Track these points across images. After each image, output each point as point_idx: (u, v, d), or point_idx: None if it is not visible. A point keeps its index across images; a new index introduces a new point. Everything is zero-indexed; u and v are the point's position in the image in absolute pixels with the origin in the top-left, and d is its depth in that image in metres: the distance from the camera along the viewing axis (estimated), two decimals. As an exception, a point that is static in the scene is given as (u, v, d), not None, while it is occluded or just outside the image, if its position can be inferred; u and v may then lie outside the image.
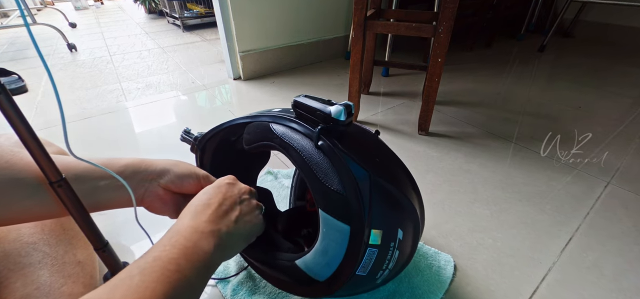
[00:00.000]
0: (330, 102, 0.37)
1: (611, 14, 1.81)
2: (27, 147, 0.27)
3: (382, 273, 0.37)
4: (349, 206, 0.33)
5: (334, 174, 0.34)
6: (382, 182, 0.35)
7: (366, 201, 0.33)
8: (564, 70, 1.43)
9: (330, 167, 0.34)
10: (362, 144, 0.38)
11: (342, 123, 0.35)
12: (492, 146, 0.86)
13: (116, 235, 0.58)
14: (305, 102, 0.38)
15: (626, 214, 0.63)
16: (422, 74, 1.36)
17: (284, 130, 0.39)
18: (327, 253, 0.36)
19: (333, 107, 0.35)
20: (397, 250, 0.36)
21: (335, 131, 0.36)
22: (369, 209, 0.33)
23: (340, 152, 0.34)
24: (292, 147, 0.37)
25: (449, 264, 0.52)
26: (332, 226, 0.35)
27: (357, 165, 0.34)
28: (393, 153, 0.42)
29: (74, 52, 1.77)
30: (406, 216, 0.37)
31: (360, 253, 0.34)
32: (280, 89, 1.25)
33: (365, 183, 0.33)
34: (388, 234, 0.35)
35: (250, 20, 1.26)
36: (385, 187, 0.35)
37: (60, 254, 0.39)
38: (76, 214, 0.31)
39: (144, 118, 1.03)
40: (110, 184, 0.34)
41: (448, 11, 0.73)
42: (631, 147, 0.84)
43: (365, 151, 0.37)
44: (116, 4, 3.80)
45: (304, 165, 0.36)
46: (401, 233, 0.36)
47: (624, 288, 0.49)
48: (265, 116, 0.41)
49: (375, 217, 0.33)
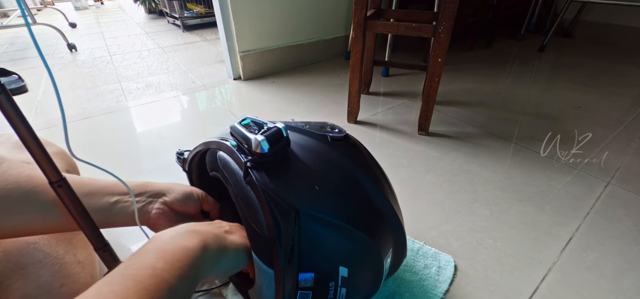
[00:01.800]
0: (262, 126, 0.33)
1: (611, 14, 1.81)
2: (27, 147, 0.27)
3: None
4: (272, 250, 0.30)
5: (260, 214, 0.31)
6: (316, 216, 0.31)
7: (287, 245, 0.30)
8: (564, 70, 1.43)
9: (257, 205, 0.31)
10: (301, 170, 0.33)
11: (266, 155, 0.31)
12: (492, 146, 0.86)
13: (116, 235, 0.58)
14: (237, 129, 0.33)
15: (626, 214, 0.63)
16: (422, 74, 1.36)
17: (226, 160, 0.35)
18: (262, 292, 0.34)
19: (253, 138, 0.31)
20: (343, 288, 0.33)
21: (264, 162, 0.32)
22: (292, 254, 0.30)
23: (265, 189, 0.30)
24: (229, 181, 0.34)
25: (449, 264, 0.52)
26: (260, 268, 0.33)
27: (283, 202, 0.30)
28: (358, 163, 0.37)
29: (74, 52, 1.77)
30: (354, 250, 0.33)
31: (290, 296, 0.31)
32: (280, 89, 1.25)
33: (290, 223, 0.30)
34: (324, 275, 0.32)
35: (250, 20, 1.26)
36: (322, 222, 0.31)
37: (60, 254, 0.39)
38: (76, 215, 0.31)
39: (144, 118, 1.03)
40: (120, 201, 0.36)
41: (448, 11, 0.73)
42: (631, 147, 0.84)
43: (303, 179, 0.33)
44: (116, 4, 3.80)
45: (237, 201, 0.33)
46: (345, 270, 0.32)
47: (624, 288, 0.49)
48: (217, 142, 0.37)
49: (304, 260, 0.30)
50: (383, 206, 0.36)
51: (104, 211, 0.35)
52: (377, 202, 0.36)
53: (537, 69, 1.45)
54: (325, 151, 0.36)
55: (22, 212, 0.31)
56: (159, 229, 0.38)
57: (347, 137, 0.39)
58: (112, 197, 0.36)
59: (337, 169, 0.35)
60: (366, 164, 0.39)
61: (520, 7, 1.93)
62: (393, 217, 0.37)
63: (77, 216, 0.31)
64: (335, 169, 0.35)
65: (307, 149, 0.36)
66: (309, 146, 0.36)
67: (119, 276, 0.24)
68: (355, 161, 0.37)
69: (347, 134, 0.40)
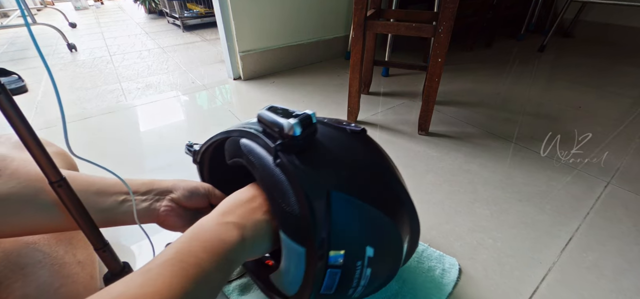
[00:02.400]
0: (291, 113, 0.34)
1: (611, 14, 1.81)
2: (27, 147, 0.27)
3: (353, 289, 0.35)
4: (304, 228, 0.31)
5: (291, 194, 0.32)
6: (345, 197, 0.32)
7: (321, 222, 0.31)
8: (564, 70, 1.43)
9: (288, 186, 0.32)
10: (329, 156, 0.35)
11: (298, 138, 0.32)
12: (492, 146, 0.86)
13: (116, 235, 0.58)
14: (266, 115, 0.35)
15: (626, 214, 0.63)
16: (422, 74, 1.36)
17: (250, 147, 0.37)
18: (289, 272, 0.35)
19: (286, 121, 0.32)
20: (368, 268, 0.34)
21: (295, 145, 0.33)
22: (326, 230, 0.31)
23: (296, 169, 0.32)
24: (255, 165, 0.35)
25: (454, 267, 0.51)
26: (289, 247, 0.33)
27: (314, 182, 0.31)
28: (376, 158, 0.39)
29: (74, 52, 1.77)
30: (378, 231, 0.34)
31: (319, 275, 0.32)
32: (280, 89, 1.25)
33: (322, 202, 0.31)
34: (353, 254, 0.33)
35: (250, 20, 1.26)
36: (350, 203, 0.33)
37: (60, 254, 0.39)
38: (76, 214, 0.31)
39: (144, 118, 1.03)
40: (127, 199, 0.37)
41: (448, 11, 0.73)
42: (631, 147, 0.84)
43: (331, 164, 0.34)
44: (116, 4, 3.80)
45: (264, 184, 0.35)
46: (371, 250, 0.33)
47: (624, 288, 0.49)
48: (239, 131, 0.39)
49: (336, 237, 0.31)
50: (402, 193, 0.38)
51: (111, 210, 0.36)
52: (397, 189, 0.38)
53: (537, 69, 1.45)
54: (347, 140, 0.38)
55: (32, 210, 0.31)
56: (168, 226, 0.40)
57: (365, 131, 0.41)
58: (119, 195, 0.37)
59: (360, 156, 0.38)
60: (383, 155, 0.41)
61: (520, 7, 1.93)
62: (410, 204, 0.39)
63: (77, 216, 0.31)
64: (358, 156, 0.37)
65: (330, 137, 0.38)
66: (332, 135, 0.38)
67: (168, 259, 0.25)
68: (374, 152, 0.40)
69: (365, 129, 0.42)
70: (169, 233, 0.58)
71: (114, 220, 0.36)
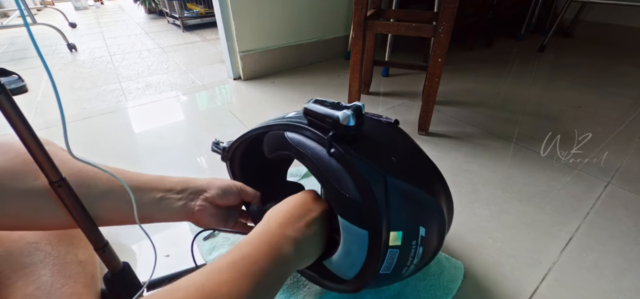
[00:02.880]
0: (340, 105, 0.36)
1: (611, 14, 1.81)
2: (27, 147, 0.27)
3: (407, 268, 0.37)
4: (366, 212, 0.33)
5: (349, 181, 0.34)
6: (398, 182, 0.34)
7: (382, 205, 0.33)
8: (564, 70, 1.43)
9: (344, 173, 0.34)
10: (376, 144, 0.37)
11: (352, 128, 0.34)
12: (492, 146, 0.86)
13: (116, 235, 0.58)
14: (315, 108, 0.37)
15: (626, 214, 0.63)
16: (422, 74, 1.36)
17: (298, 139, 0.39)
18: (349, 255, 0.37)
19: (341, 113, 0.34)
20: (420, 247, 0.36)
21: (347, 135, 0.35)
22: (386, 213, 0.33)
23: (353, 158, 0.34)
24: (307, 156, 0.37)
25: (459, 270, 0.51)
26: (351, 231, 0.35)
27: (371, 169, 0.33)
28: (412, 144, 0.41)
29: (74, 52, 1.77)
30: (428, 212, 0.37)
31: (381, 255, 0.34)
32: (280, 89, 1.25)
33: (380, 187, 0.33)
34: (409, 234, 0.35)
35: (250, 20, 1.26)
36: (402, 187, 0.35)
37: (61, 254, 0.39)
38: (76, 215, 0.31)
39: (144, 118, 1.03)
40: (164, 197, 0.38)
41: (448, 11, 0.73)
42: (631, 147, 0.84)
43: (380, 151, 0.37)
44: (116, 4, 3.80)
45: (319, 173, 0.36)
46: (423, 230, 0.36)
47: (624, 288, 0.49)
48: (280, 125, 0.41)
49: (394, 219, 0.33)
50: (439, 175, 0.41)
51: (149, 206, 0.37)
52: (435, 171, 0.41)
53: (537, 69, 1.45)
54: (386, 129, 0.41)
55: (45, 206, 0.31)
56: (201, 224, 0.41)
57: (398, 121, 0.43)
58: (157, 193, 0.38)
59: (401, 144, 0.40)
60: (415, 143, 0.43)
61: (520, 7, 1.93)
62: (445, 185, 0.41)
63: (77, 216, 0.31)
64: (399, 143, 0.40)
65: (372, 128, 0.40)
66: (373, 125, 0.40)
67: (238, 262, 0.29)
68: (409, 140, 0.42)
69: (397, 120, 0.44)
70: (170, 236, 0.59)
71: (150, 217, 0.37)
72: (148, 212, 0.37)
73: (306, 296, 0.48)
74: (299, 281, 0.50)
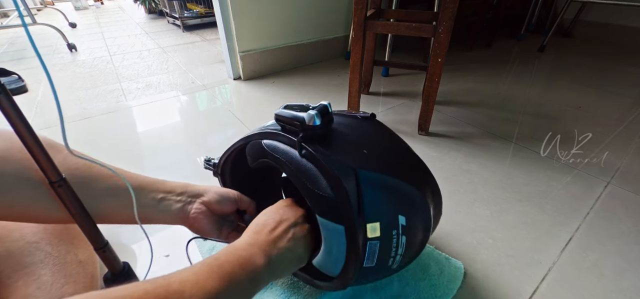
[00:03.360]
0: (308, 106, 0.37)
1: (611, 14, 1.81)
2: (27, 147, 0.27)
3: (392, 259, 0.37)
4: (340, 207, 0.34)
5: (321, 179, 0.35)
6: (371, 174, 0.35)
7: (354, 199, 0.33)
8: (564, 70, 1.43)
9: (317, 172, 0.35)
10: (348, 139, 0.38)
11: (319, 127, 0.35)
12: (492, 146, 0.86)
13: (116, 235, 0.58)
14: (284, 113, 0.38)
15: (626, 214, 0.63)
16: (422, 74, 1.36)
17: (273, 145, 0.40)
18: (331, 252, 0.37)
19: (306, 114, 0.35)
20: (403, 236, 0.36)
21: (315, 135, 0.36)
22: (359, 206, 0.33)
23: (323, 156, 0.34)
24: (282, 161, 0.38)
25: (459, 270, 0.51)
26: (329, 228, 0.36)
27: (341, 164, 0.34)
28: (389, 136, 0.42)
29: (74, 52, 1.77)
30: (406, 201, 0.37)
31: (360, 248, 0.34)
32: (280, 89, 1.25)
33: (352, 181, 0.33)
34: (388, 224, 0.35)
35: (250, 20, 1.26)
36: (376, 179, 0.35)
37: (62, 254, 0.39)
38: (76, 214, 0.31)
39: (144, 118, 1.03)
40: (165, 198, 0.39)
41: (448, 11, 0.73)
42: (631, 147, 0.84)
43: (352, 146, 0.37)
44: (116, 4, 3.80)
45: (294, 176, 0.37)
46: (403, 218, 0.36)
47: (624, 288, 0.49)
48: (258, 134, 0.42)
49: (369, 211, 0.34)
50: (419, 163, 0.41)
51: (149, 207, 0.37)
52: (414, 160, 0.41)
53: (537, 69, 1.45)
54: (360, 125, 0.42)
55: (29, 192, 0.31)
56: (196, 229, 0.41)
57: (375, 115, 0.44)
58: (158, 194, 0.39)
59: (375, 137, 0.41)
60: (395, 134, 0.43)
61: (520, 7, 1.93)
62: (428, 173, 0.41)
63: (77, 216, 0.32)
64: (374, 136, 0.41)
65: (345, 124, 0.41)
66: (346, 122, 0.41)
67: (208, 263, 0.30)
68: (387, 132, 0.43)
69: (374, 113, 0.44)
70: (170, 236, 0.58)
71: (150, 218, 0.38)
72: (147, 212, 0.37)
73: (306, 296, 0.48)
74: (299, 282, 0.50)
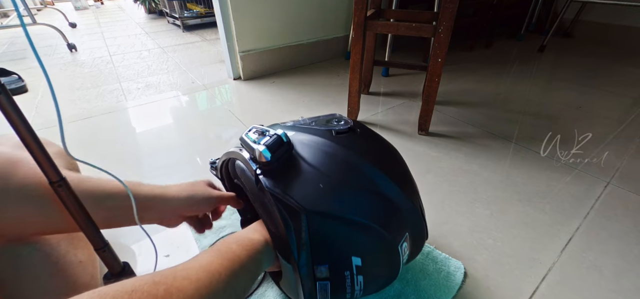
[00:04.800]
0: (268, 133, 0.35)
1: (611, 14, 1.81)
2: (27, 147, 0.27)
3: (349, 295, 0.35)
4: (288, 248, 0.33)
5: (275, 215, 0.34)
6: (322, 215, 0.33)
7: (298, 241, 0.32)
8: (564, 70, 1.43)
9: (271, 208, 0.34)
10: (306, 171, 0.35)
11: (271, 162, 0.33)
12: (492, 146, 0.86)
13: (116, 235, 0.58)
14: (244, 139, 0.36)
15: (626, 214, 0.63)
16: (422, 74, 1.36)
17: (242, 169, 0.39)
18: (289, 283, 0.37)
19: (257, 148, 0.34)
20: (358, 276, 0.34)
21: (272, 169, 0.34)
22: (305, 248, 0.32)
23: (274, 193, 0.33)
24: (247, 188, 0.38)
25: (459, 270, 0.51)
26: (282, 262, 0.36)
27: (291, 206, 0.32)
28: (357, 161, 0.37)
29: (74, 52, 1.77)
30: (363, 240, 0.34)
31: (309, 287, 0.34)
32: (280, 89, 1.25)
33: (298, 224, 0.32)
34: (338, 265, 0.33)
35: (250, 20, 1.26)
36: (328, 220, 0.33)
37: (61, 255, 0.39)
38: (76, 215, 0.31)
39: (144, 118, 1.03)
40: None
41: (448, 11, 0.73)
42: (631, 147, 0.84)
43: (307, 180, 0.34)
44: (116, 4, 3.80)
45: (256, 205, 0.37)
46: (358, 259, 0.34)
47: (624, 288, 0.49)
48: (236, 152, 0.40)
49: (317, 253, 0.32)
50: (392, 193, 0.37)
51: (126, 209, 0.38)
52: (385, 189, 0.37)
53: (537, 69, 1.45)
54: (330, 147, 0.38)
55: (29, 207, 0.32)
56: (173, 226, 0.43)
57: (352, 129, 0.41)
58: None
59: (342, 164, 0.37)
60: (373, 152, 0.40)
61: (520, 7, 1.93)
62: (404, 202, 0.37)
63: (77, 216, 0.31)
64: (340, 163, 0.37)
65: (312, 148, 0.37)
66: (314, 144, 0.38)
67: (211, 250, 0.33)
68: (361, 152, 0.38)
69: (352, 125, 0.41)
70: (170, 236, 0.58)
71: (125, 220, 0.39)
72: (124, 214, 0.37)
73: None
74: None
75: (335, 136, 0.39)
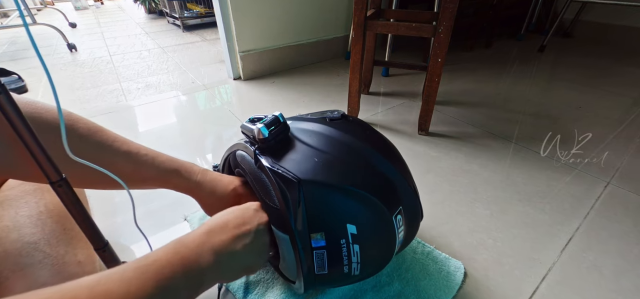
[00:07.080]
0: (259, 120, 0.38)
1: (611, 14, 1.81)
2: (27, 147, 0.27)
3: (347, 267, 0.36)
4: (285, 217, 0.35)
5: (271, 190, 0.36)
6: (316, 185, 0.35)
7: (293, 210, 0.34)
8: (564, 70, 1.43)
9: (269, 183, 0.36)
10: (302, 149, 0.38)
11: (269, 138, 0.37)
12: (492, 146, 0.86)
13: (116, 235, 0.58)
14: (244, 126, 0.40)
15: (626, 214, 0.63)
16: (422, 74, 1.36)
17: (242, 156, 0.42)
18: (285, 259, 0.39)
19: (255, 127, 0.37)
20: (354, 244, 0.35)
21: (270, 146, 0.37)
22: (303, 216, 0.34)
23: (271, 168, 0.35)
24: (246, 172, 0.40)
25: (459, 270, 0.51)
26: (279, 237, 0.37)
27: (287, 176, 0.34)
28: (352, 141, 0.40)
29: (74, 52, 1.77)
30: (357, 209, 0.36)
31: (306, 257, 0.35)
32: (280, 89, 1.25)
33: (294, 192, 0.34)
34: (333, 234, 0.35)
35: (250, 20, 1.26)
36: (322, 188, 0.35)
37: (60, 254, 0.39)
38: (76, 214, 0.31)
39: (144, 118, 1.03)
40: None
41: (448, 11, 0.73)
42: (631, 147, 0.84)
43: (303, 155, 0.37)
44: (116, 4, 3.80)
45: (253, 186, 0.39)
46: (353, 227, 0.35)
47: (624, 288, 0.49)
48: (237, 144, 0.44)
49: (313, 221, 0.34)
50: (384, 168, 0.39)
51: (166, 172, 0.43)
52: (378, 164, 0.39)
53: (537, 69, 1.45)
54: (324, 129, 0.41)
55: None
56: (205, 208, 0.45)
57: (345, 116, 0.44)
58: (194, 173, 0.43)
59: (334, 141, 0.40)
60: (365, 136, 0.43)
61: (520, 7, 1.93)
62: (396, 177, 0.40)
63: (77, 216, 0.31)
64: (332, 141, 0.40)
65: (307, 131, 0.41)
66: (309, 128, 0.41)
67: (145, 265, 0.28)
68: (352, 134, 0.42)
69: (345, 114, 0.44)
70: (170, 235, 0.58)
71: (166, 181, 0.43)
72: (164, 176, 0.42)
73: (307, 296, 0.48)
74: None
75: (330, 122, 0.43)
